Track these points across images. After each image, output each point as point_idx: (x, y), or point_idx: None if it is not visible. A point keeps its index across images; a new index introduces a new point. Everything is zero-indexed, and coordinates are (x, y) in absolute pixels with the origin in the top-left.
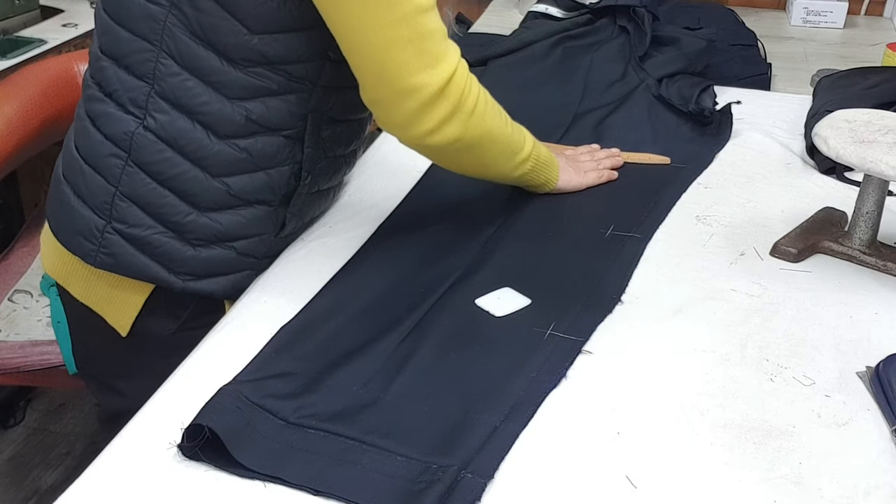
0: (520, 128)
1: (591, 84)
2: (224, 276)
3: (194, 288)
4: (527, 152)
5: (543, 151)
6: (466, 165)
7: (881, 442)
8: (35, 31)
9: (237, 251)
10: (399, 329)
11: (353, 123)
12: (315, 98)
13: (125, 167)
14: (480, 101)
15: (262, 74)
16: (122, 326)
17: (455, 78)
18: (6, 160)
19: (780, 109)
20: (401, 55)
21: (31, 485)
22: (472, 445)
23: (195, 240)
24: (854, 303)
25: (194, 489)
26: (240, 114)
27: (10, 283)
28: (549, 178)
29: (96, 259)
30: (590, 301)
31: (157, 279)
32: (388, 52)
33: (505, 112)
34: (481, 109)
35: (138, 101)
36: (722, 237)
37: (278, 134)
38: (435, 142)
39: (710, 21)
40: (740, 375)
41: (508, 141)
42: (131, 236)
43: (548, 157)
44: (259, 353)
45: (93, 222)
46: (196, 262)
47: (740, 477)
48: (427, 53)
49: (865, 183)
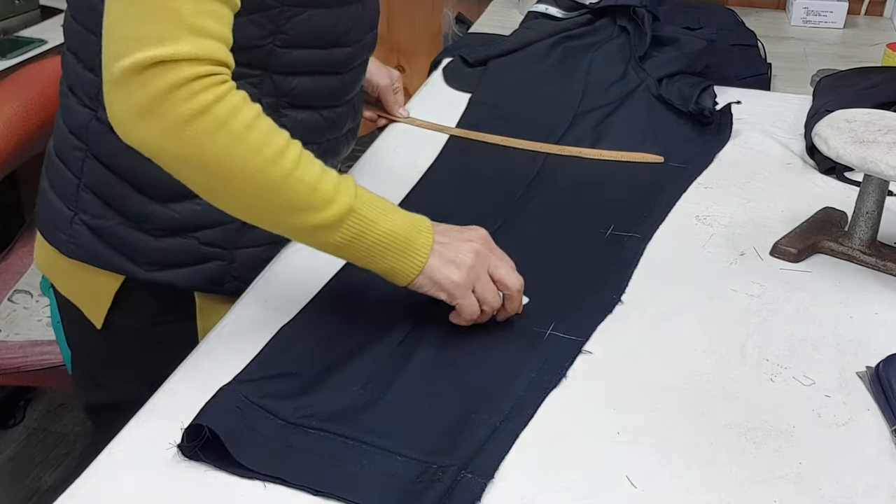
0: (338, 194)
1: (591, 84)
2: (188, 266)
3: (157, 278)
4: (328, 217)
5: (380, 231)
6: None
7: (881, 442)
8: (35, 31)
9: (199, 241)
10: (399, 329)
11: (322, 111)
12: (267, 85)
13: (85, 159)
14: (210, 119)
15: None
16: (96, 319)
17: (167, 69)
18: (6, 160)
19: (780, 109)
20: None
21: (31, 485)
22: (472, 445)
23: (155, 230)
24: (854, 303)
25: (194, 489)
26: None
27: (11, 283)
28: (394, 269)
29: (68, 249)
30: (590, 301)
31: (122, 269)
32: (120, 3)
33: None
34: (202, 129)
35: (90, 93)
36: (722, 237)
37: None
38: (134, 139)
39: (710, 21)
40: (740, 375)
41: (271, 189)
42: (95, 227)
43: (384, 243)
44: (259, 353)
45: (63, 214)
46: (158, 252)
47: (740, 477)
48: (152, 26)
49: (865, 183)
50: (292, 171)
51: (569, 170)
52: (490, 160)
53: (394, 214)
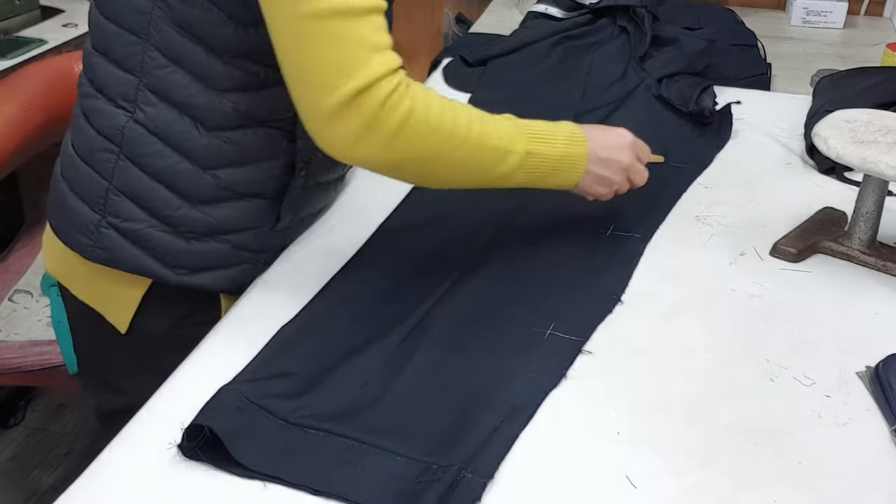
0: (504, 141)
1: (591, 84)
2: (220, 269)
3: (189, 282)
4: (509, 167)
5: (549, 159)
6: (418, 181)
7: (881, 442)
8: (35, 32)
9: (232, 244)
10: (399, 329)
11: None
12: None
13: (117, 161)
14: (413, 121)
15: (246, 67)
16: (120, 323)
17: (372, 92)
18: (6, 160)
19: (780, 109)
20: (309, 55)
21: (31, 485)
22: (472, 445)
23: (188, 233)
24: (854, 303)
25: (194, 489)
26: (227, 106)
27: (11, 283)
28: (560, 183)
29: (93, 254)
30: (590, 301)
31: (152, 273)
32: (298, 51)
33: (477, 125)
34: (411, 131)
35: (128, 95)
36: (722, 237)
37: (266, 126)
38: (355, 158)
39: (710, 21)
40: (740, 375)
41: (465, 160)
42: (125, 230)
43: (554, 166)
44: (259, 353)
45: (88, 218)
46: (190, 255)
47: (740, 477)
48: (336, 59)
49: (865, 183)
50: (478, 139)
51: None
52: None
53: (555, 137)
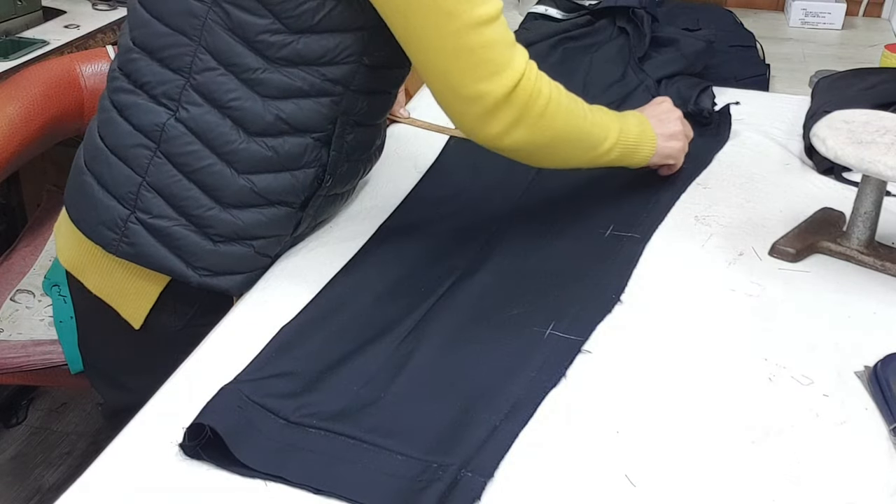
0: (603, 118)
1: (590, 85)
2: (241, 273)
3: (210, 284)
4: (611, 142)
5: (633, 134)
6: (544, 161)
7: (879, 441)
8: (37, 33)
9: (255, 250)
10: (399, 329)
11: (375, 128)
12: (346, 101)
13: (153, 158)
14: (552, 103)
15: (296, 75)
16: (135, 319)
17: (521, 84)
18: (8, 161)
19: (779, 110)
20: (462, 64)
21: (34, 484)
22: (472, 444)
23: (216, 235)
24: (852, 302)
25: (196, 488)
26: (271, 113)
27: (13, 282)
28: (642, 158)
29: (118, 248)
30: (589, 301)
31: (175, 272)
32: (450, 62)
33: (583, 105)
34: (552, 111)
35: (171, 94)
36: (721, 237)
37: (307, 135)
38: (506, 144)
39: (709, 22)
40: (739, 375)
41: (585, 136)
42: (154, 227)
43: (637, 139)
44: (260, 352)
45: (116, 212)
46: (215, 257)
47: (739, 476)
48: (489, 62)
49: (863, 183)
50: (592, 118)
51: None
52: (490, 160)
53: (629, 119)
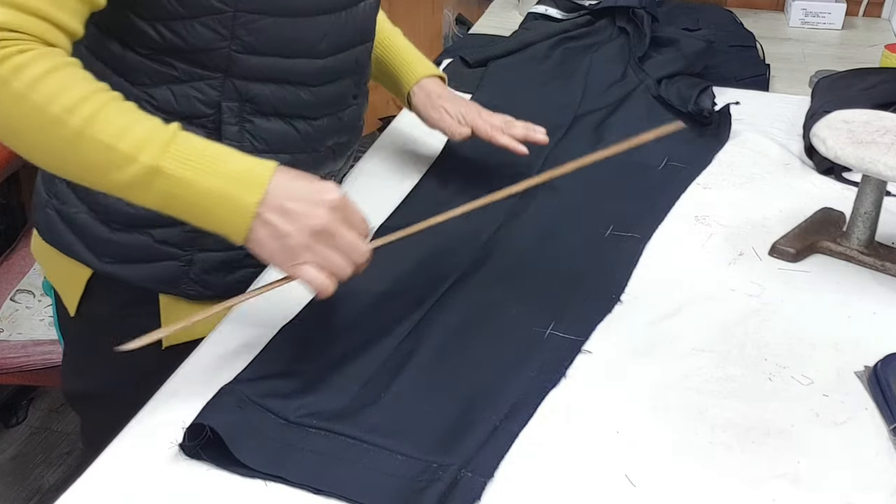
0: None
1: (590, 85)
2: (142, 263)
3: (112, 272)
4: (127, 178)
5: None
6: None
7: (879, 441)
8: None
9: (154, 239)
10: (399, 329)
11: (294, 122)
12: (229, 89)
13: None
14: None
15: (163, 61)
16: (70, 305)
17: None
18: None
19: (779, 110)
20: None
21: (34, 484)
22: (472, 444)
23: (113, 222)
24: (852, 302)
25: (196, 488)
26: (143, 100)
27: (13, 283)
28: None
29: (44, 235)
30: (589, 301)
31: (82, 259)
32: None
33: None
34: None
35: None
36: (720, 237)
37: (189, 122)
38: None
39: (709, 22)
40: (739, 375)
41: (66, 146)
42: (64, 214)
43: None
44: (260, 352)
45: (42, 198)
46: (115, 245)
47: (739, 476)
48: None
49: (863, 183)
50: (83, 130)
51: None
52: (491, 161)
53: (217, 167)
